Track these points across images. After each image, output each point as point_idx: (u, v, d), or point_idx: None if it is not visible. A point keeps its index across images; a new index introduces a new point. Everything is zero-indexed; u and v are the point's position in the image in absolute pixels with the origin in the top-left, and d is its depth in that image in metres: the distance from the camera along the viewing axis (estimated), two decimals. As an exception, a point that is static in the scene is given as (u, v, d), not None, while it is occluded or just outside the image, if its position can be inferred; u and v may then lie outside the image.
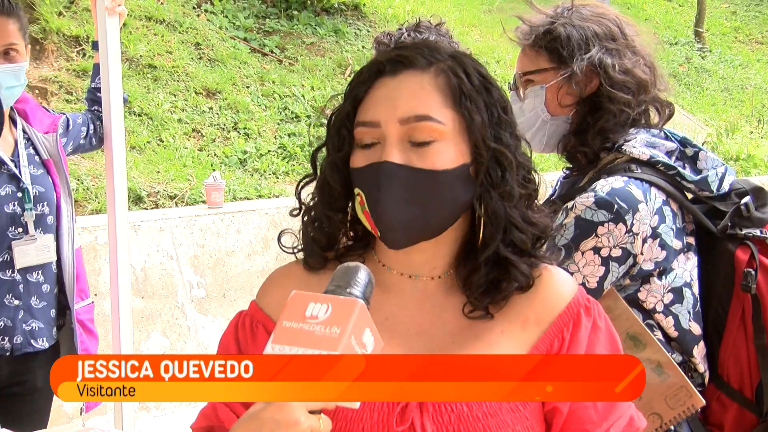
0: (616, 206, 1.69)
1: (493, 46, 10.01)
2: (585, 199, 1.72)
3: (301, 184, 1.30)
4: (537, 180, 1.25)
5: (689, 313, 1.78)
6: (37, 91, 6.44)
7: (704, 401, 1.75)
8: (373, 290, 1.08)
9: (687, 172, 1.81)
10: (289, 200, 1.33)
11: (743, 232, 1.78)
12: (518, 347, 1.23)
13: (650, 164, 1.79)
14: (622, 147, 1.81)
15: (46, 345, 2.59)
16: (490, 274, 1.22)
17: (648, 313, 1.78)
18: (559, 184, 2.01)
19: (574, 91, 1.83)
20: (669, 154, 1.85)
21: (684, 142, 1.91)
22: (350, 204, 1.26)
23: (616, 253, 1.71)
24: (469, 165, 1.20)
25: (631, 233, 1.70)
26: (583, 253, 1.71)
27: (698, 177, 1.81)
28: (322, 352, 0.99)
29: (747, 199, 1.80)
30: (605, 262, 1.71)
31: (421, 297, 1.25)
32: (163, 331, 4.90)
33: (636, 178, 1.75)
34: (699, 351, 1.80)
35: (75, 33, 6.94)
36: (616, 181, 1.73)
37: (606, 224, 1.69)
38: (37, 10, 6.87)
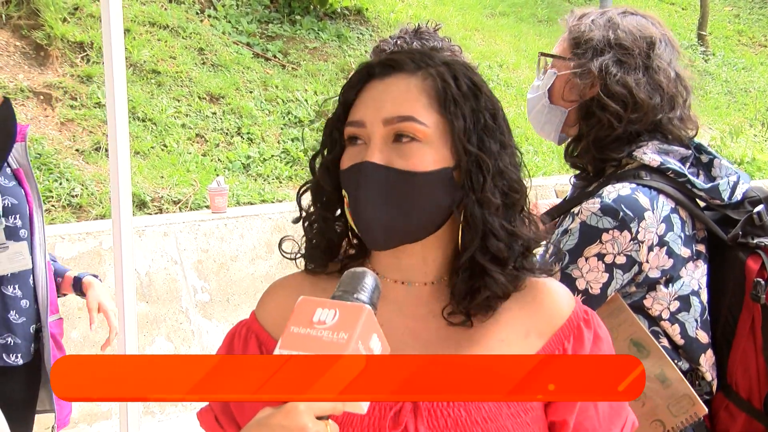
0: (621, 213, 1.68)
1: (496, 50, 10.02)
2: (591, 205, 1.71)
3: (301, 190, 1.31)
4: (524, 190, 1.24)
5: (696, 321, 1.77)
6: (41, 97, 6.46)
7: (707, 409, 1.74)
8: (380, 296, 1.09)
9: (698, 180, 1.80)
10: (293, 205, 1.34)
11: (755, 241, 1.75)
12: None
13: (660, 171, 1.77)
14: (633, 153, 1.80)
15: (21, 361, 2.51)
16: (469, 281, 1.21)
17: (654, 321, 1.77)
18: (572, 187, 2.00)
19: (577, 88, 1.84)
20: (683, 160, 1.84)
21: (699, 149, 1.89)
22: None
23: (621, 260, 1.70)
24: (452, 169, 1.20)
25: (636, 241, 1.69)
26: (587, 259, 1.70)
27: (709, 185, 1.79)
28: None
29: (760, 207, 1.78)
30: (609, 269, 1.70)
31: (416, 303, 1.25)
32: (168, 335, 4.91)
33: (644, 185, 1.74)
34: (706, 359, 1.79)
35: (79, 39, 6.97)
36: (623, 188, 1.72)
37: (611, 231, 1.68)
38: (42, 16, 6.89)
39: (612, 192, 1.72)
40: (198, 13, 8.21)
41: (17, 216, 2.49)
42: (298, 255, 1.31)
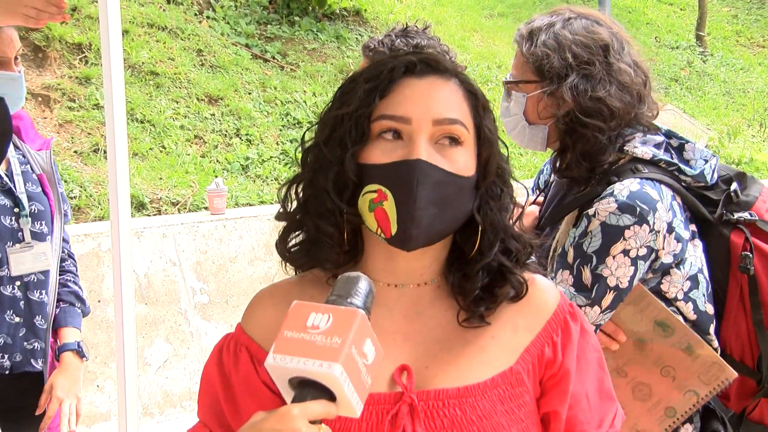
0: (638, 209, 1.79)
1: (495, 51, 10.03)
2: (607, 205, 1.80)
3: (293, 182, 1.27)
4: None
5: (704, 296, 1.90)
6: (39, 99, 6.45)
7: (736, 373, 1.86)
8: (373, 300, 1.09)
9: (687, 167, 1.92)
10: (292, 206, 1.31)
11: (735, 216, 1.91)
12: (509, 351, 1.25)
13: (653, 162, 1.88)
14: (624, 147, 1.89)
15: (43, 367, 2.52)
16: (484, 281, 1.24)
17: (669, 302, 1.88)
18: (554, 186, 2.08)
19: (550, 107, 1.91)
20: (657, 146, 1.94)
21: (669, 135, 1.99)
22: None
23: (642, 252, 1.80)
24: (476, 175, 1.24)
25: (653, 232, 1.80)
26: (614, 257, 1.80)
27: (698, 171, 1.92)
28: (323, 362, 1.00)
29: (735, 186, 1.93)
30: (634, 262, 1.81)
31: (407, 305, 1.26)
32: (167, 337, 4.91)
33: (647, 179, 1.84)
34: (713, 329, 1.92)
35: (77, 40, 6.96)
36: (632, 184, 1.82)
37: (632, 227, 1.79)
38: (40, 18, 6.88)
39: (623, 189, 1.81)
40: (196, 15, 8.21)
41: (43, 222, 2.53)
42: (293, 254, 1.29)
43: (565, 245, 1.86)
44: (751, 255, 1.87)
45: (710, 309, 1.91)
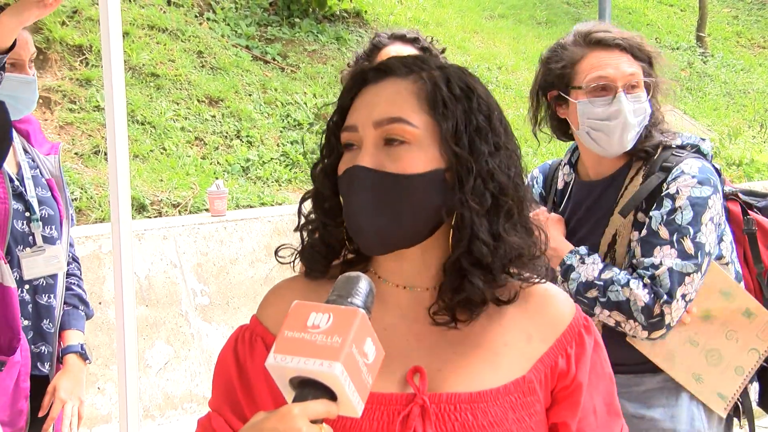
0: (712, 180, 2.04)
1: (495, 52, 10.03)
2: (685, 182, 2.02)
3: (303, 197, 1.32)
4: (521, 194, 1.23)
5: (737, 258, 2.17)
6: (40, 101, 6.46)
7: None
8: (374, 300, 1.09)
9: (704, 146, 2.15)
10: (292, 208, 1.35)
11: (727, 189, 2.22)
12: (522, 360, 1.24)
13: (683, 147, 2.13)
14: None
15: (50, 371, 2.53)
16: (453, 283, 1.21)
17: (723, 266, 2.11)
18: (574, 191, 2.21)
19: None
20: None
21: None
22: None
23: (718, 218, 2.06)
24: (444, 170, 1.19)
25: (721, 200, 2.07)
26: (705, 225, 2.02)
27: (710, 149, 2.18)
28: (323, 361, 1.00)
29: (717, 165, 2.21)
30: (716, 228, 2.05)
31: (419, 307, 1.25)
32: (167, 339, 4.91)
33: (695, 158, 2.09)
34: (743, 286, 2.17)
35: (78, 42, 6.96)
36: (694, 161, 2.06)
37: (712, 197, 2.03)
38: (40, 20, 6.89)
39: (691, 167, 2.05)
40: (197, 16, 8.22)
41: (53, 227, 2.54)
42: (295, 260, 1.31)
43: (651, 225, 2.02)
44: (752, 218, 2.21)
45: (740, 268, 2.17)
